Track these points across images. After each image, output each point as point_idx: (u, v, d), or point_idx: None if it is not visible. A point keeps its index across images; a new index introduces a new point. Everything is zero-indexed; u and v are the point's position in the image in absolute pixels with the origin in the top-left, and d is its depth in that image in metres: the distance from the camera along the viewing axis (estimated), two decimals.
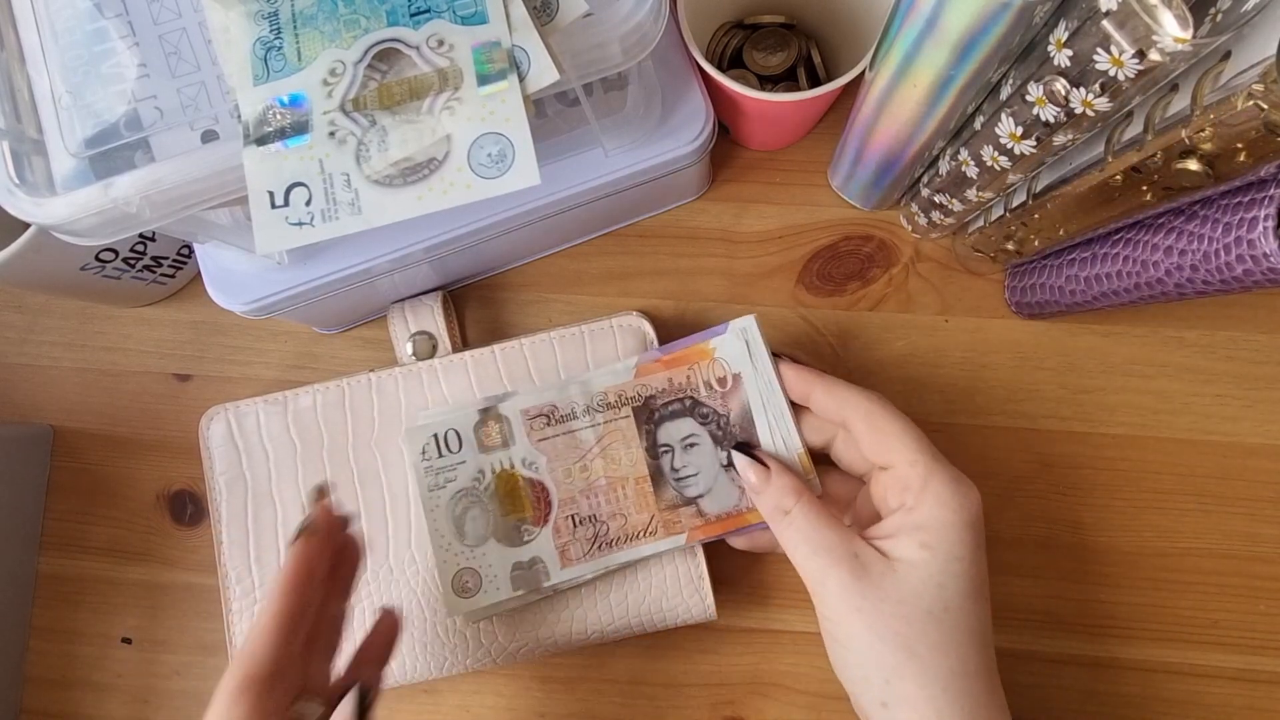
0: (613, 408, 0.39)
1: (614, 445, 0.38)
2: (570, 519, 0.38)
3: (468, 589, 0.38)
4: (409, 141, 0.27)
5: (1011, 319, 0.45)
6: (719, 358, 0.38)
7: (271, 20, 0.28)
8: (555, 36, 0.28)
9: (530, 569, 0.38)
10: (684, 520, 0.38)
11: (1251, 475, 0.43)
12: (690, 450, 0.38)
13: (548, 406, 0.39)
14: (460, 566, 0.38)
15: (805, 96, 0.38)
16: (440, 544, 0.38)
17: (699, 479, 0.38)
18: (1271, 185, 0.27)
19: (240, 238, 0.36)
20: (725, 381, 0.37)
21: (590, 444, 0.38)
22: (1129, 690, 0.42)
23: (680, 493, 0.38)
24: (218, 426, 0.42)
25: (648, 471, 0.38)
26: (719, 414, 0.38)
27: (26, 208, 0.28)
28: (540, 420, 0.39)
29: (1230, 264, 0.29)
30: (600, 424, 0.39)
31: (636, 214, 0.47)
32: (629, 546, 0.38)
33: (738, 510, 0.37)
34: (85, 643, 0.45)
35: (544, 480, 0.38)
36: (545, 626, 0.40)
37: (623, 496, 0.38)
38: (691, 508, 0.38)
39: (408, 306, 0.44)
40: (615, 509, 0.38)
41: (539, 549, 0.38)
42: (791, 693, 0.43)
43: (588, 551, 0.38)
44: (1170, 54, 0.23)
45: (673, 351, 0.38)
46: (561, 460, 0.39)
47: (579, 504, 0.38)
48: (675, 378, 0.38)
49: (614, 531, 0.38)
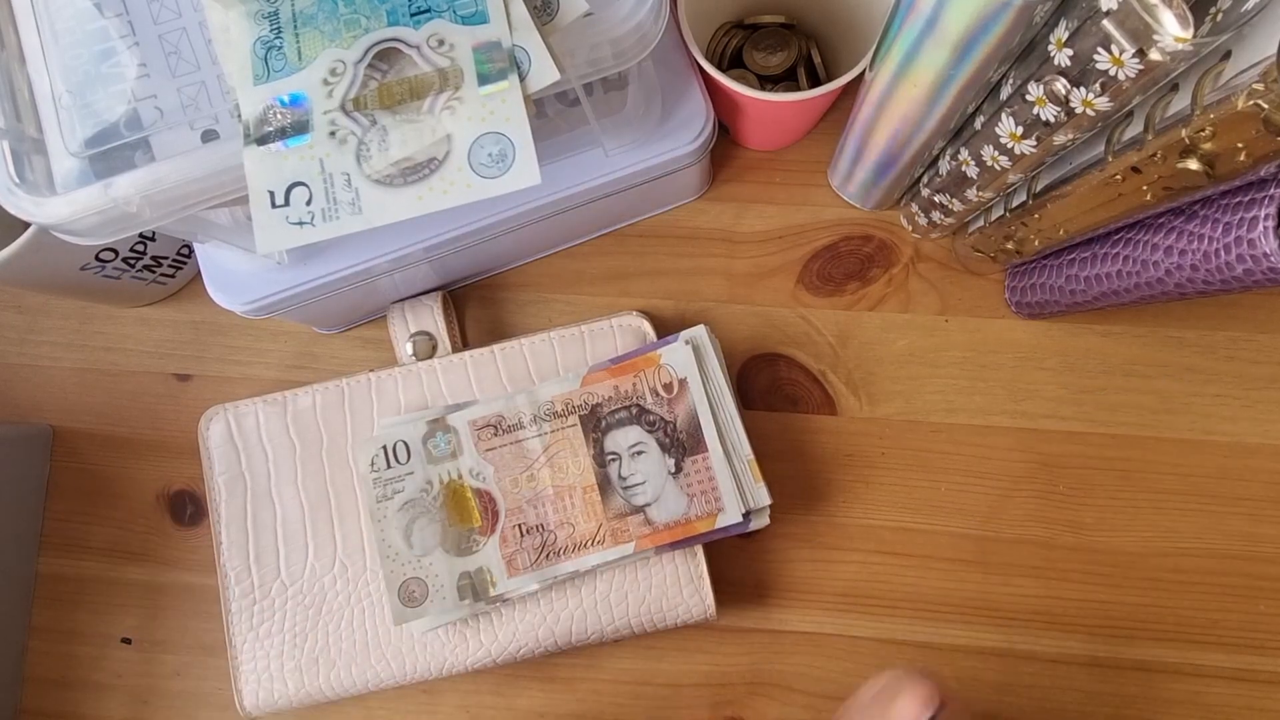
0: (559, 416, 0.39)
1: (561, 454, 0.39)
2: (517, 528, 0.38)
3: (414, 598, 0.38)
4: (409, 141, 0.27)
5: (1011, 319, 0.45)
6: (665, 363, 0.38)
7: (272, 20, 0.28)
8: (555, 36, 0.28)
9: (477, 578, 0.38)
10: (632, 529, 0.38)
11: (1251, 475, 0.43)
12: (637, 458, 0.38)
13: (495, 416, 0.39)
14: (407, 576, 0.38)
15: (805, 96, 0.38)
16: (387, 554, 0.38)
17: (646, 487, 0.38)
18: (1271, 185, 0.27)
19: (240, 238, 0.36)
20: (671, 388, 0.38)
21: (537, 453, 0.39)
22: (1129, 690, 0.42)
23: (628, 501, 0.38)
24: (217, 427, 0.42)
25: (595, 480, 0.38)
26: (665, 420, 0.38)
27: (26, 207, 0.28)
28: (488, 430, 0.39)
29: (1230, 264, 0.29)
30: (547, 433, 0.39)
31: (636, 214, 0.47)
32: (576, 556, 0.38)
33: (685, 519, 0.38)
34: (85, 643, 0.45)
35: (491, 490, 0.39)
36: (545, 626, 0.40)
37: (570, 505, 0.38)
38: (639, 516, 0.38)
39: (408, 306, 0.44)
40: (563, 518, 0.38)
41: (485, 559, 0.38)
42: (791, 693, 0.43)
43: (535, 560, 0.38)
44: (1170, 54, 0.23)
45: (620, 361, 0.39)
46: (509, 470, 0.39)
47: (526, 513, 0.38)
48: (621, 385, 0.39)
49: (561, 541, 0.38)
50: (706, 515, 0.38)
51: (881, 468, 0.44)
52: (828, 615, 0.43)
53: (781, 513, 0.44)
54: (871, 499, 0.44)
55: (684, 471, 0.38)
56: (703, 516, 0.38)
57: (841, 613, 0.43)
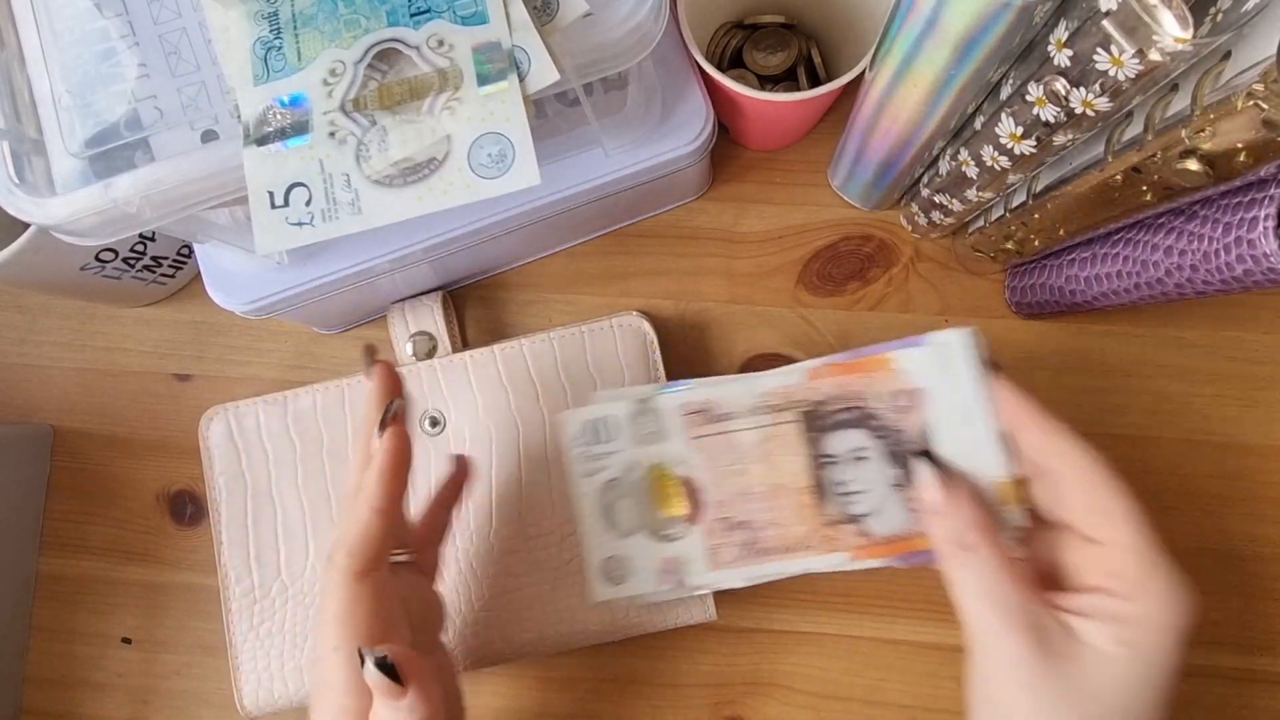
0: (777, 410, 0.35)
1: (775, 451, 0.35)
2: (723, 522, 0.36)
3: (614, 577, 0.36)
4: (409, 141, 0.27)
5: (1011, 319, 0.45)
6: (900, 369, 0.34)
7: (271, 20, 0.28)
8: (555, 36, 0.28)
9: (678, 567, 0.36)
10: (845, 538, 0.34)
11: (1251, 475, 0.43)
12: (858, 464, 0.34)
13: (707, 403, 0.36)
14: (607, 555, 0.36)
15: (805, 96, 0.38)
16: (589, 529, 0.36)
17: (865, 496, 0.34)
18: (1271, 185, 0.27)
19: (240, 238, 0.36)
20: (906, 395, 0.34)
21: (750, 447, 0.36)
22: None
23: (843, 509, 0.34)
24: (217, 427, 0.42)
25: (809, 483, 0.35)
26: (895, 430, 0.34)
27: (26, 208, 0.28)
28: (698, 417, 0.36)
29: (1230, 264, 0.29)
30: (763, 427, 0.35)
31: (636, 214, 0.47)
32: (783, 558, 0.35)
33: (907, 534, 0.34)
34: (85, 643, 0.45)
35: (698, 479, 0.36)
36: (545, 626, 0.40)
37: (780, 505, 0.35)
38: (854, 526, 0.34)
39: (407, 306, 0.44)
40: (771, 518, 0.35)
41: (688, 548, 0.36)
42: (791, 693, 0.43)
43: (739, 556, 0.35)
44: (1170, 54, 0.23)
45: (852, 358, 0.35)
46: (717, 460, 0.36)
47: (733, 507, 0.36)
48: (850, 385, 0.35)
49: (768, 541, 0.35)
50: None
51: None
52: (828, 615, 0.43)
53: None
54: None
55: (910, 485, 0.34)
56: (925, 534, 0.33)
57: (841, 613, 0.43)
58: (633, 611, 0.40)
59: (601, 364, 0.41)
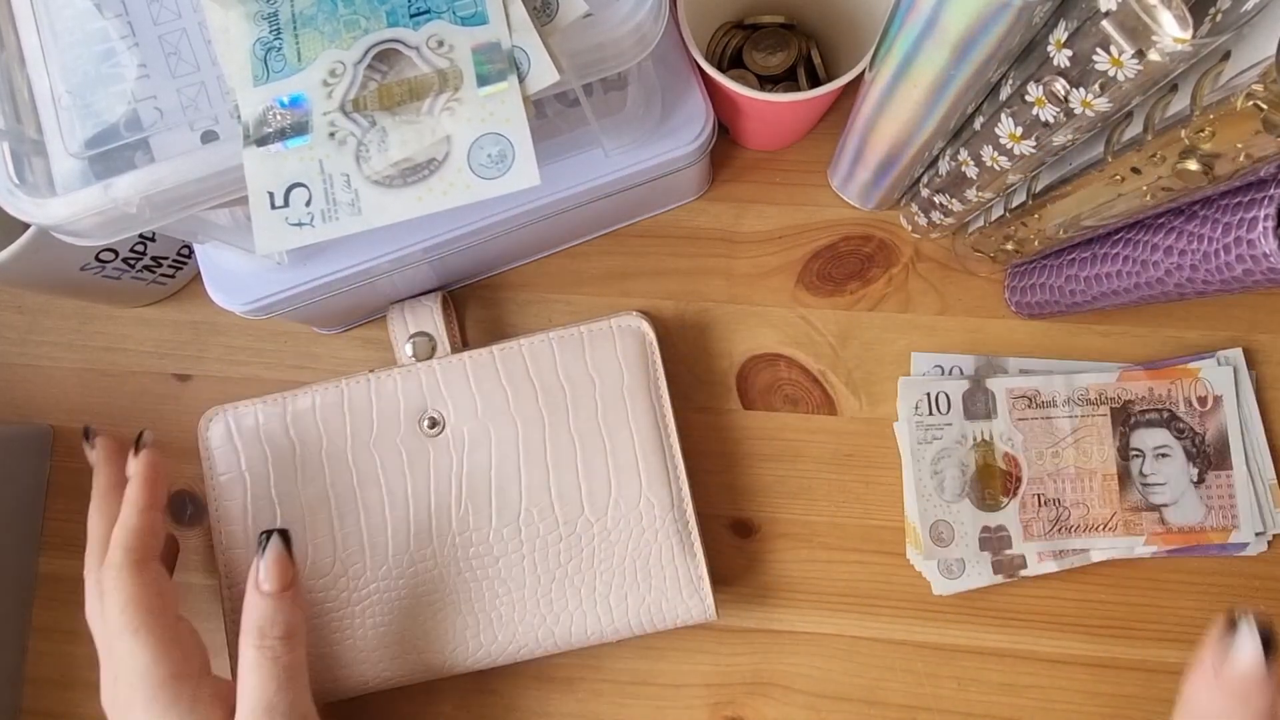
0: (1091, 404, 0.41)
1: (1087, 439, 0.41)
2: (1036, 498, 0.41)
3: (942, 539, 0.41)
4: (409, 142, 0.27)
5: (1011, 319, 0.45)
6: (1203, 378, 0.41)
7: (271, 21, 0.28)
8: (555, 37, 0.28)
9: (996, 534, 0.41)
10: (1145, 524, 0.40)
11: None
12: (1161, 460, 0.40)
13: (1031, 390, 0.42)
14: (936, 519, 0.41)
15: (805, 96, 0.38)
16: (922, 493, 0.42)
17: (1166, 489, 0.40)
18: (1271, 185, 0.27)
19: (240, 238, 0.36)
20: (1206, 401, 0.40)
21: (1065, 433, 0.41)
22: (1129, 690, 0.42)
23: (1145, 497, 0.40)
24: (217, 427, 0.42)
25: (1116, 470, 0.41)
26: (1195, 432, 0.40)
27: (26, 208, 0.28)
28: (1022, 401, 0.42)
29: (1230, 264, 0.29)
30: (1077, 416, 0.41)
31: (636, 214, 0.47)
32: (1087, 535, 0.40)
33: (1200, 527, 0.40)
34: (85, 643, 0.45)
35: (1018, 456, 0.41)
36: (545, 626, 0.40)
37: (1088, 488, 0.41)
38: (1154, 514, 0.40)
39: (407, 307, 0.44)
40: (1079, 498, 0.41)
41: (1005, 518, 0.41)
42: (791, 693, 0.43)
43: (1048, 531, 0.41)
44: (1170, 54, 0.23)
45: (1159, 366, 0.41)
46: (1036, 442, 0.41)
47: (1045, 485, 0.41)
48: (1157, 389, 0.41)
49: (1075, 519, 0.41)
50: (1220, 528, 0.40)
51: (881, 467, 0.44)
52: (828, 615, 0.43)
53: (781, 513, 0.44)
54: (871, 499, 0.44)
55: (1205, 483, 0.40)
56: (1217, 529, 0.40)
57: (841, 613, 0.43)
58: (632, 611, 0.40)
59: (601, 364, 0.41)
